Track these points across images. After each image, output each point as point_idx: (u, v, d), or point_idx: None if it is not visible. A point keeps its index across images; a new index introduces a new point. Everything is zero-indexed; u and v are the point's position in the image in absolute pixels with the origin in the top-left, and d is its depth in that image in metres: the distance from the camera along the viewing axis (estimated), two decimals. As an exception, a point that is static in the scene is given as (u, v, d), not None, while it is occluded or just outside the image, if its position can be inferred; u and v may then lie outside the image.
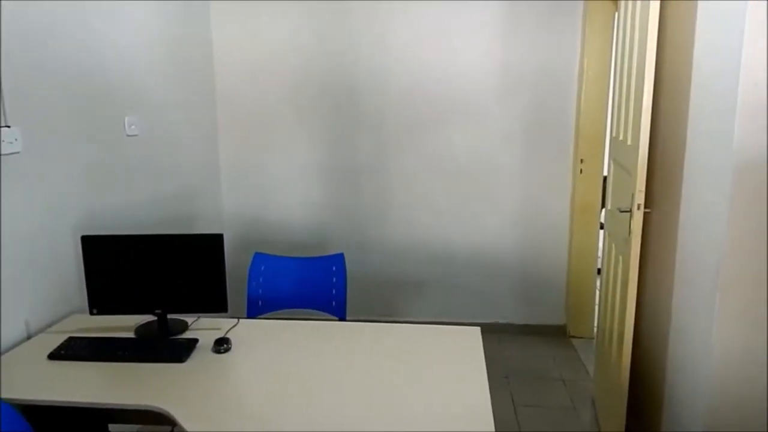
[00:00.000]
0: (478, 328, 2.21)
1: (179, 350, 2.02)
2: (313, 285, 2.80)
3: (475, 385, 1.81)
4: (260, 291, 2.77)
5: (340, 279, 2.76)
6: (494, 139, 3.77)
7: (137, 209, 2.93)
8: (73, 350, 2.02)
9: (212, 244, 2.20)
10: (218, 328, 2.23)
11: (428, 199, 3.88)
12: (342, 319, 2.70)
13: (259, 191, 3.99)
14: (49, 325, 2.29)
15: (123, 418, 2.21)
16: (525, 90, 3.69)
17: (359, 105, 3.81)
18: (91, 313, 2.21)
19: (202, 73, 3.68)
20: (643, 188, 2.34)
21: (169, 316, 2.30)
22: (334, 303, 2.74)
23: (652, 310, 2.60)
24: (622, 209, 2.52)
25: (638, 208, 2.36)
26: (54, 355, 2.00)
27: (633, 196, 2.38)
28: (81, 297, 2.45)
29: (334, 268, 2.79)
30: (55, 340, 2.11)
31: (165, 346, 2.06)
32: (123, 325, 2.27)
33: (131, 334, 2.19)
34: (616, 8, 3.49)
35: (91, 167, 2.57)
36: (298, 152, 3.90)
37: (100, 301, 2.21)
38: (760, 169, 1.83)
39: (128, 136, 2.83)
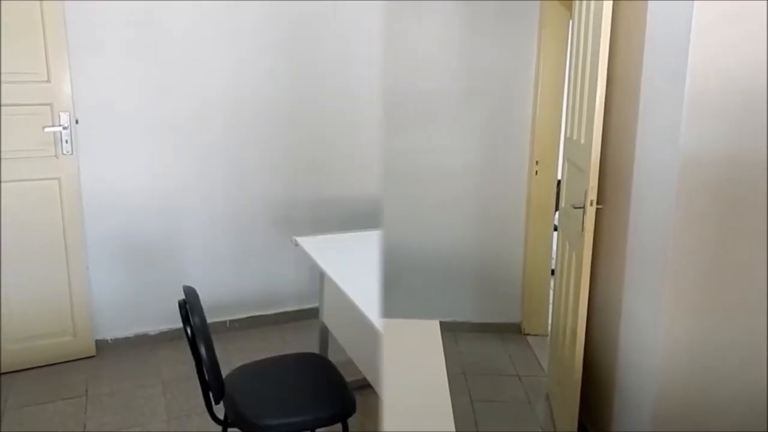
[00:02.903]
0: (437, 322, 2.22)
1: None
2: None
3: (434, 378, 1.81)
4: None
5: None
6: (451, 140, 3.80)
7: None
8: None
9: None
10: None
11: (385, 197, 3.89)
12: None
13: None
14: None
15: None
16: (482, 92, 3.74)
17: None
18: None
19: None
20: (596, 184, 2.41)
21: None
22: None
23: (604, 305, 2.67)
24: (575, 205, 2.59)
25: (591, 204, 2.42)
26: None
27: (586, 192, 2.44)
28: None
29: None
30: None
31: None
32: None
33: None
34: (571, 15, 3.59)
35: None
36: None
37: None
38: (705, 164, 1.91)
39: None
